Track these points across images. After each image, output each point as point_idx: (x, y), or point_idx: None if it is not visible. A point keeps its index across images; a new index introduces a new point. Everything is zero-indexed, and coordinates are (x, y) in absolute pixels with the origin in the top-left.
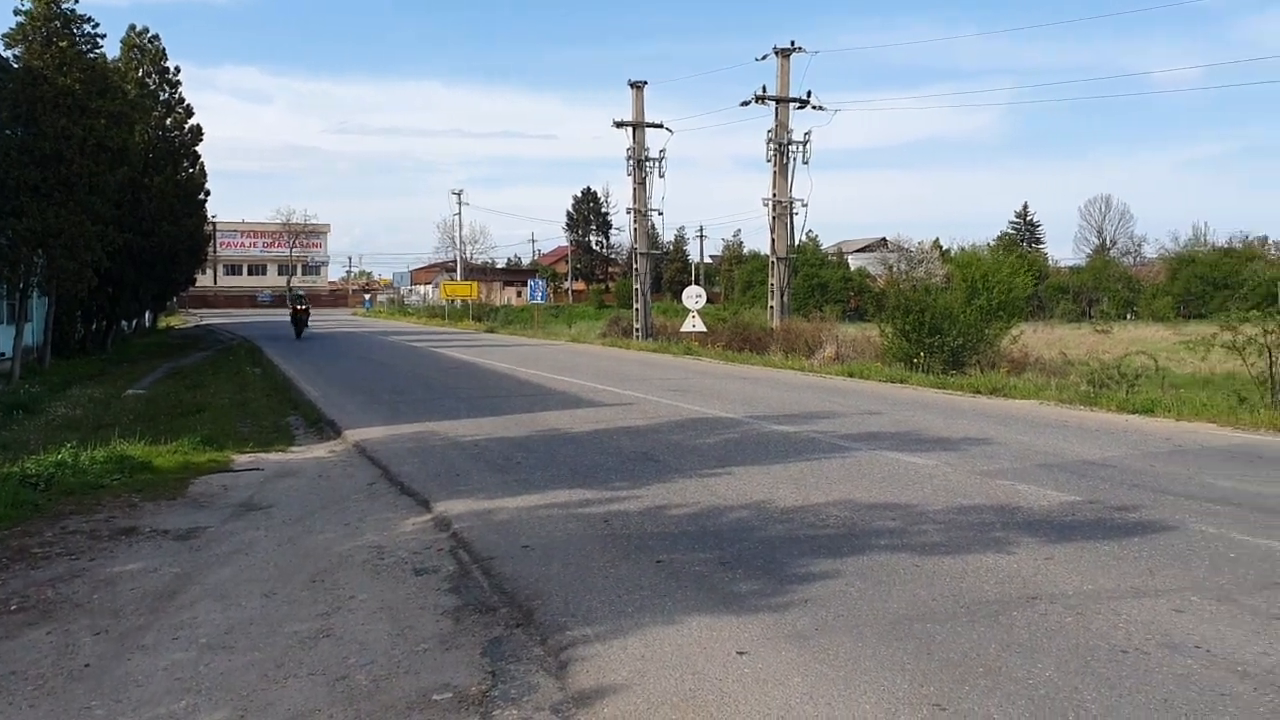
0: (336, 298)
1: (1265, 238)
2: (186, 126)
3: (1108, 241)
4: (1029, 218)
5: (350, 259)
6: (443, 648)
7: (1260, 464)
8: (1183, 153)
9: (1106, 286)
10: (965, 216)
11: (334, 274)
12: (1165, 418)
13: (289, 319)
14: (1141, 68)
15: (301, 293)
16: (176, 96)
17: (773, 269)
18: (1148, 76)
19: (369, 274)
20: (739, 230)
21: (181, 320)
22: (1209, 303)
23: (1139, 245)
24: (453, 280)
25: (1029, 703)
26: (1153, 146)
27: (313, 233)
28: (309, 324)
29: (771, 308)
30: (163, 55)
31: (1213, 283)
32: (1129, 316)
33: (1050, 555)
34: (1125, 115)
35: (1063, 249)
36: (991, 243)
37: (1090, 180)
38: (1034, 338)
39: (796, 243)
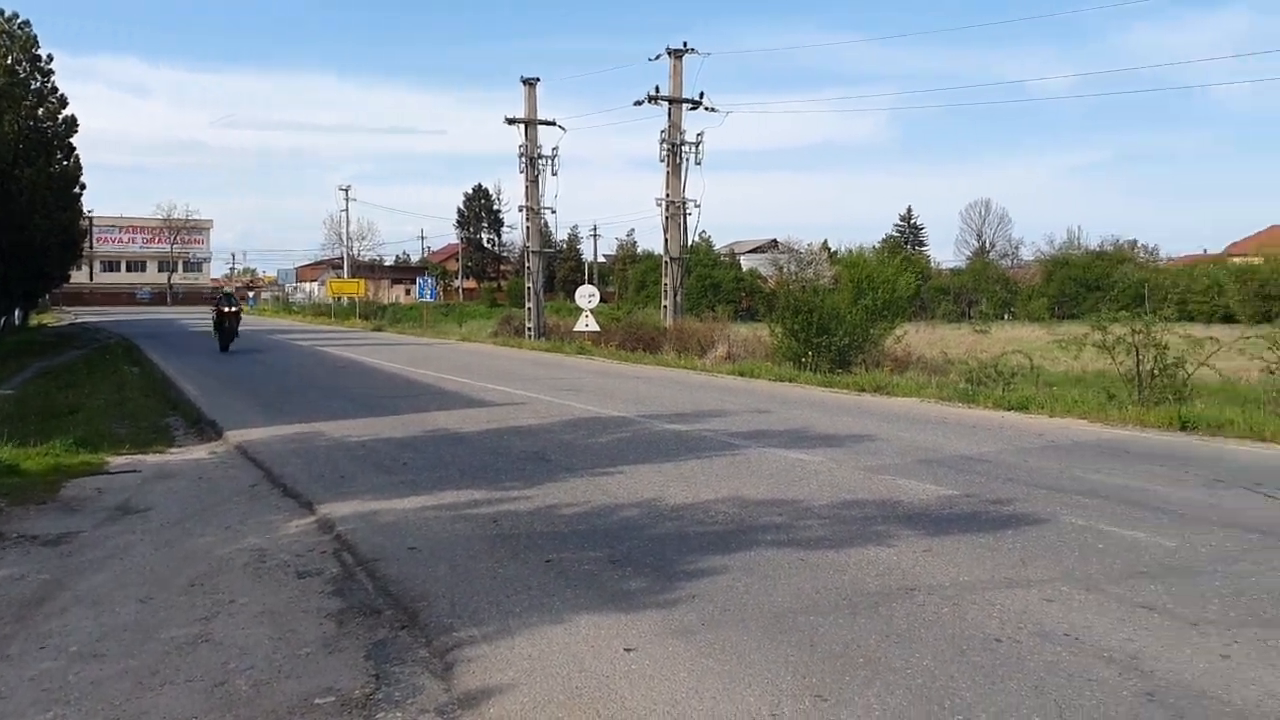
0: None
1: (1135, 241)
2: (60, 117)
3: (987, 244)
4: (913, 221)
5: (234, 255)
6: (326, 651)
7: (1127, 458)
8: (1058, 159)
9: (985, 288)
10: (853, 219)
11: (217, 271)
12: (1039, 414)
13: (211, 325)
14: (1020, 76)
15: (230, 290)
16: (49, 86)
17: (666, 269)
18: (1026, 85)
19: (253, 271)
20: (633, 230)
21: (55, 318)
22: (1082, 303)
23: (1016, 248)
24: (340, 277)
25: (907, 692)
26: (1030, 152)
27: (195, 228)
28: (239, 332)
29: (665, 307)
30: (34, 42)
31: (1085, 284)
32: (1006, 317)
33: (929, 548)
34: (1004, 122)
35: (944, 251)
36: (877, 245)
37: (971, 185)
38: (916, 337)
39: (690, 243)
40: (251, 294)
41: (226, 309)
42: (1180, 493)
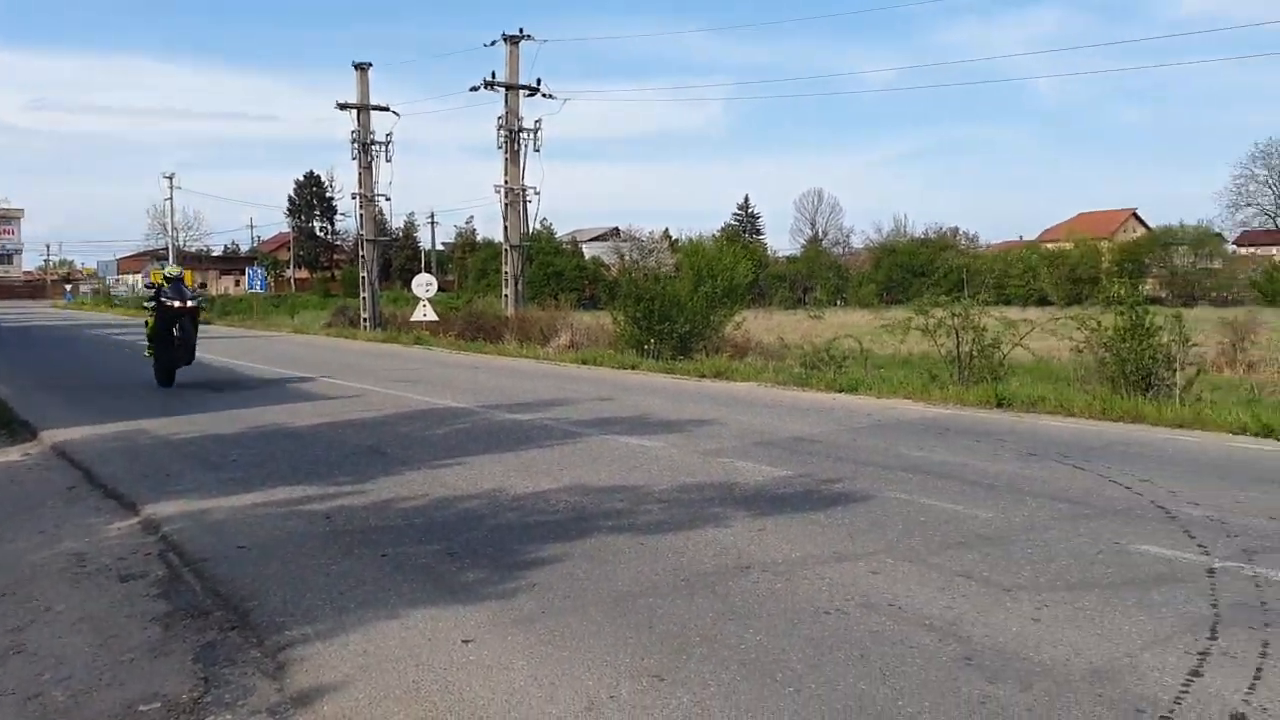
0: (33, 289)
1: (956, 229)
2: None
3: (820, 232)
4: (750, 209)
5: (49, 247)
6: (151, 656)
7: (948, 435)
8: (885, 149)
9: (819, 275)
10: (693, 207)
11: (30, 263)
12: (868, 395)
13: (146, 333)
14: (849, 69)
15: (177, 272)
16: None
17: (506, 257)
18: (855, 77)
19: (71, 263)
20: (472, 217)
21: None
22: (909, 289)
23: (848, 236)
24: (164, 269)
25: (741, 666)
26: (859, 143)
27: (4, 218)
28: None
29: (506, 296)
30: None
31: (912, 270)
32: (839, 302)
33: (764, 526)
34: (835, 113)
35: (780, 239)
36: (717, 233)
37: (804, 174)
38: (755, 324)
39: (530, 230)
40: (69, 288)
41: (177, 303)
42: (996, 466)
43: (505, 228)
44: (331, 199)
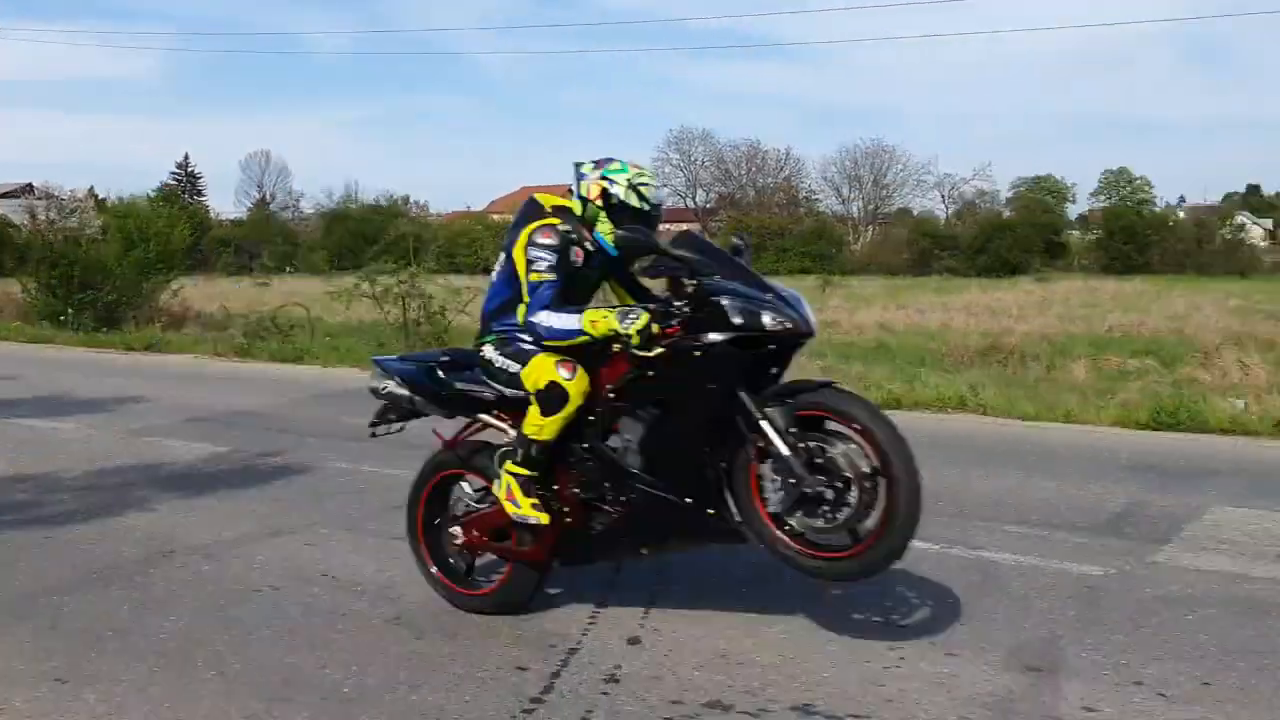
0: None
1: (408, 197)
2: None
3: (268, 196)
4: (190, 169)
5: None
6: None
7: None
8: (335, 114)
9: (268, 240)
10: (126, 164)
11: None
12: (314, 365)
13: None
14: (301, 29)
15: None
16: None
17: None
18: (308, 38)
19: None
20: None
21: None
22: (361, 256)
23: (298, 200)
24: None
25: (159, 657)
26: (308, 106)
27: None
28: None
29: None
30: None
31: (364, 237)
32: (290, 269)
33: (193, 508)
34: (283, 74)
35: (225, 202)
36: (152, 193)
37: (251, 134)
38: (195, 291)
39: None
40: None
41: (787, 322)
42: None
43: None
44: None
